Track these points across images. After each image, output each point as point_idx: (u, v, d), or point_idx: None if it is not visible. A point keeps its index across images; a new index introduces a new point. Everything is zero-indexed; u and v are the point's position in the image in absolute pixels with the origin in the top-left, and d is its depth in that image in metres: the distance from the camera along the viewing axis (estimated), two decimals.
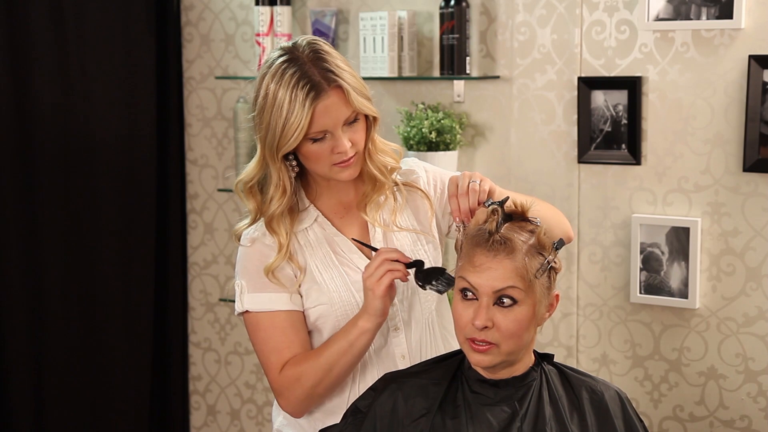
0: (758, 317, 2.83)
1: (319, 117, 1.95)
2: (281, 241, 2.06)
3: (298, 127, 1.94)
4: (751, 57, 2.74)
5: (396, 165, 2.13)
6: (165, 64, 3.69)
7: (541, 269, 1.82)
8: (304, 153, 2.01)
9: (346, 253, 2.10)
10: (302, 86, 1.94)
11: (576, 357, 3.10)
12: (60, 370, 3.46)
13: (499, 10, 3.12)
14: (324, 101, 1.95)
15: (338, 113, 1.97)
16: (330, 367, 2.02)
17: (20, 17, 3.30)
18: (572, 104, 3.02)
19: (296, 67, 1.96)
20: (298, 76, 1.95)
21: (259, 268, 2.07)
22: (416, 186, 2.16)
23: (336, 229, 2.11)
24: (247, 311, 2.08)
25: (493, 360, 1.82)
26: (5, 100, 3.27)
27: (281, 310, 2.06)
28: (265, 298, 2.06)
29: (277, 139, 1.97)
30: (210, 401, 3.87)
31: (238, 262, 2.11)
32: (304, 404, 2.06)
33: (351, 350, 2.01)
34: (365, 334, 2.00)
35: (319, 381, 2.03)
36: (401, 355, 2.11)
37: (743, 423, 2.88)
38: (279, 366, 2.05)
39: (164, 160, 3.73)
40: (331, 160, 2.00)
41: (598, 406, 1.87)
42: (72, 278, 3.48)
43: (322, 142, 1.98)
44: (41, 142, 3.36)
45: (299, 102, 1.94)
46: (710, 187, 2.86)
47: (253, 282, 2.07)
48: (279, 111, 1.95)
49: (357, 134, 2.01)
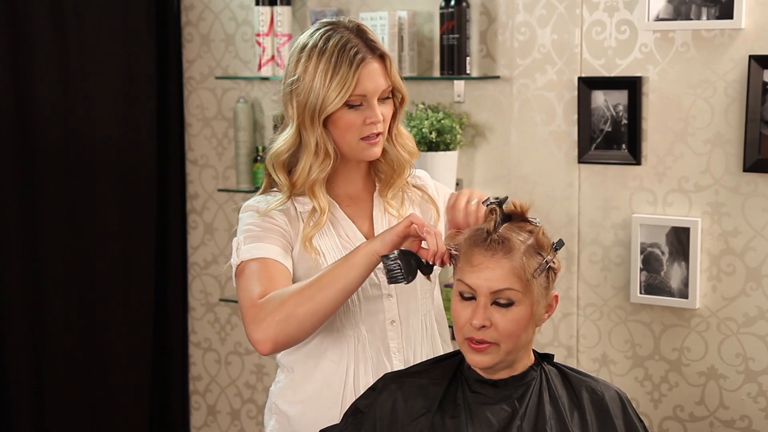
0: (758, 317, 2.83)
1: (364, 80, 2.01)
2: (321, 206, 2.07)
3: (344, 87, 1.99)
4: (751, 57, 2.74)
5: (414, 149, 2.16)
6: (165, 64, 3.69)
7: (539, 269, 1.82)
8: (338, 121, 2.03)
9: (351, 239, 2.11)
10: (349, 49, 2.01)
11: (576, 357, 3.10)
12: (60, 370, 3.46)
13: (499, 10, 3.12)
14: (369, 65, 2.02)
15: (378, 81, 2.03)
16: (319, 288, 1.93)
17: (20, 17, 3.30)
18: (572, 104, 3.02)
19: (340, 35, 2.03)
20: (345, 41, 2.02)
21: (258, 223, 2.06)
22: (425, 191, 2.21)
23: (344, 214, 2.13)
24: (242, 262, 2.03)
25: (492, 360, 1.82)
26: (5, 100, 3.27)
27: (272, 259, 2.03)
28: (258, 246, 2.03)
29: (321, 100, 2.00)
30: (210, 401, 3.87)
31: (240, 225, 2.10)
32: (280, 328, 1.93)
33: (346, 273, 1.94)
34: (364, 258, 1.93)
35: (304, 301, 1.92)
36: (396, 349, 2.11)
37: (743, 423, 2.88)
38: (260, 296, 1.97)
39: (164, 160, 3.73)
40: (361, 132, 2.04)
41: (598, 406, 1.87)
42: (72, 278, 3.48)
43: (357, 111, 2.02)
44: (41, 142, 3.37)
45: (346, 63, 2.00)
46: (710, 187, 2.86)
47: (250, 237, 2.05)
48: (324, 73, 2.00)
49: (387, 111, 2.06)
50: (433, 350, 2.18)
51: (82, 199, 3.49)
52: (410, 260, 1.91)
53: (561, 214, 3.07)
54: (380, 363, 2.11)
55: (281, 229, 2.07)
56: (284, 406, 2.16)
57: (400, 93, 2.08)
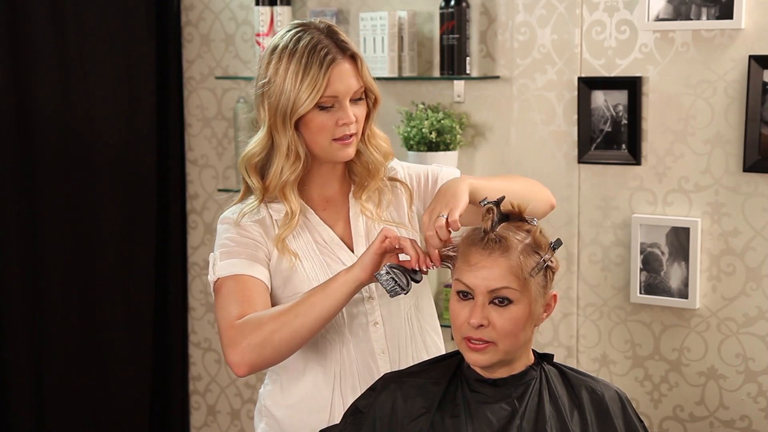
0: (758, 317, 2.83)
1: (334, 81, 1.99)
2: (293, 208, 2.06)
3: (315, 88, 1.98)
4: (751, 57, 2.74)
5: (389, 149, 2.15)
6: (165, 64, 3.69)
7: (537, 268, 1.82)
8: (309, 123, 2.02)
9: (328, 243, 2.10)
10: (320, 50, 1.99)
11: (576, 357, 3.10)
12: (60, 370, 3.46)
13: (499, 10, 3.12)
14: (339, 66, 2.00)
15: (350, 82, 2.02)
16: (296, 314, 1.93)
17: (20, 17, 3.30)
18: (572, 104, 3.02)
19: (311, 36, 2.02)
20: (315, 42, 2.00)
21: (233, 238, 2.06)
22: (396, 178, 2.19)
23: (319, 219, 2.11)
24: (217, 279, 2.03)
25: (491, 359, 1.82)
26: (5, 100, 3.27)
27: (249, 275, 2.02)
28: (233, 262, 2.03)
29: (292, 102, 1.99)
30: (210, 401, 3.87)
31: (217, 239, 2.10)
32: (256, 353, 1.93)
33: (323, 300, 1.93)
34: (343, 286, 1.93)
35: (281, 327, 1.93)
36: (381, 351, 2.11)
37: (743, 423, 2.88)
38: (237, 317, 1.97)
39: (164, 160, 3.73)
40: (333, 134, 2.02)
41: (598, 406, 1.87)
42: (72, 278, 3.48)
43: (329, 112, 2.01)
44: (41, 142, 3.37)
45: (316, 65, 1.98)
46: (710, 187, 2.86)
47: (224, 250, 2.05)
48: (295, 74, 1.99)
49: (360, 112, 2.05)
50: (425, 347, 2.17)
51: (82, 199, 3.49)
52: (399, 272, 1.92)
53: (561, 214, 3.07)
54: (366, 365, 2.10)
55: (256, 242, 2.06)
56: (273, 409, 2.15)
57: (373, 94, 2.07)
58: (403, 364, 2.12)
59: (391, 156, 2.16)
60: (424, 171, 2.23)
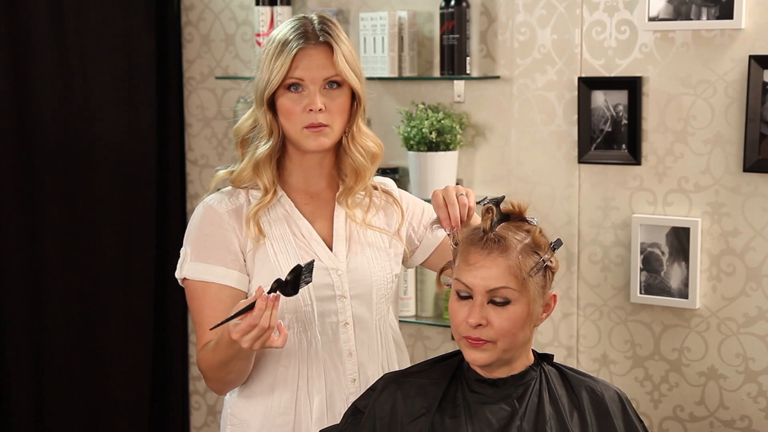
0: (758, 317, 2.83)
1: (299, 61, 2.03)
2: (266, 184, 2.08)
3: (280, 69, 2.02)
4: (751, 57, 2.74)
5: (378, 151, 2.14)
6: (165, 64, 3.69)
7: (536, 268, 1.82)
8: (281, 106, 2.05)
9: (305, 237, 2.10)
10: (293, 32, 2.04)
11: (576, 357, 3.10)
12: (60, 370, 3.45)
13: (499, 10, 3.12)
14: (308, 50, 2.03)
15: (319, 67, 2.03)
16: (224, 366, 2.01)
17: (20, 17, 3.30)
18: (572, 104, 3.02)
19: (298, 23, 2.07)
20: (295, 27, 2.05)
21: (208, 236, 2.07)
22: (391, 194, 2.20)
23: (299, 213, 2.11)
24: (185, 278, 2.10)
25: (489, 358, 1.82)
26: (5, 99, 3.27)
27: (217, 283, 2.06)
28: (203, 268, 2.06)
29: (265, 81, 2.04)
30: (210, 401, 3.86)
31: (190, 226, 2.12)
32: (219, 389, 2.10)
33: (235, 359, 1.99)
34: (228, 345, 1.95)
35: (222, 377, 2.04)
36: (348, 352, 2.10)
37: (743, 423, 2.88)
38: (203, 343, 2.05)
39: (164, 160, 3.72)
40: (302, 120, 2.04)
41: (598, 407, 1.87)
42: (72, 278, 3.48)
43: (297, 96, 2.04)
44: (41, 142, 3.36)
45: (288, 47, 2.03)
46: (710, 187, 2.86)
47: (197, 250, 2.08)
48: (271, 55, 2.04)
49: (334, 102, 2.05)
50: (387, 358, 2.16)
51: (81, 199, 3.48)
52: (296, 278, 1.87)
53: (561, 214, 3.06)
54: (334, 366, 2.09)
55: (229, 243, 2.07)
56: (239, 413, 2.14)
57: (353, 88, 2.06)
58: (370, 369, 2.12)
59: (379, 157, 2.15)
60: (420, 204, 2.26)
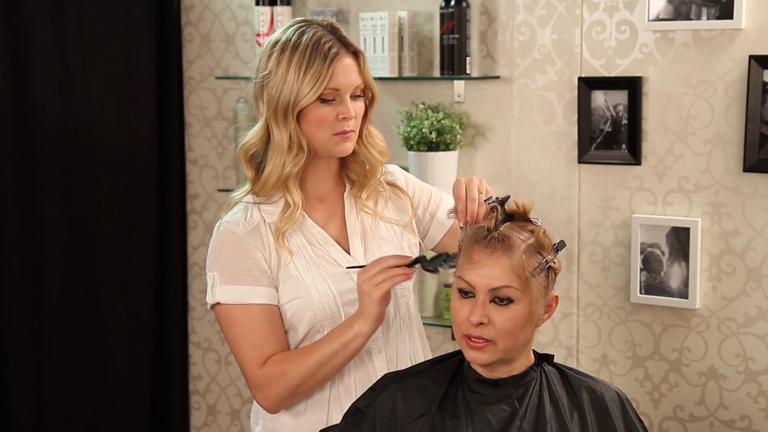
0: (758, 317, 2.83)
1: (338, 74, 2.00)
2: (295, 200, 2.05)
3: (318, 80, 1.98)
4: (751, 57, 2.74)
5: (384, 147, 2.15)
6: (165, 64, 3.69)
7: (539, 268, 1.82)
8: (310, 116, 2.02)
9: (321, 245, 2.09)
10: (323, 44, 2.00)
11: (576, 357, 3.10)
12: (60, 370, 3.45)
13: (499, 10, 3.12)
14: (343, 60, 2.01)
15: (352, 77, 2.02)
16: (319, 367, 2.01)
17: (21, 17, 3.30)
18: (572, 104, 3.02)
19: (314, 30, 2.02)
20: (319, 36, 2.01)
21: (234, 258, 2.04)
22: (397, 185, 2.20)
23: (312, 221, 2.11)
24: (218, 303, 2.04)
25: (490, 357, 1.82)
26: (6, 99, 3.27)
27: (256, 304, 2.03)
28: (238, 290, 2.03)
29: (295, 94, 1.99)
30: (210, 401, 3.87)
31: (211, 251, 2.08)
32: (284, 401, 2.05)
33: (343, 352, 2.01)
34: (359, 338, 1.99)
35: (305, 380, 2.02)
36: (377, 350, 2.11)
37: (743, 423, 2.88)
38: (259, 362, 2.03)
39: (164, 160, 3.73)
40: (333, 128, 2.02)
41: (598, 407, 1.87)
42: (72, 278, 3.48)
43: (330, 106, 2.02)
44: (41, 142, 3.36)
45: (320, 57, 1.99)
46: (710, 187, 2.86)
47: (226, 273, 2.04)
48: (298, 66, 1.99)
49: (359, 109, 2.06)
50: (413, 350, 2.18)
51: (82, 199, 3.49)
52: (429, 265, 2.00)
53: (561, 214, 3.07)
54: (362, 365, 2.10)
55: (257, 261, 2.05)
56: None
57: (371, 91, 2.08)
58: (401, 365, 2.13)
59: (387, 154, 2.16)
60: (427, 190, 2.25)
